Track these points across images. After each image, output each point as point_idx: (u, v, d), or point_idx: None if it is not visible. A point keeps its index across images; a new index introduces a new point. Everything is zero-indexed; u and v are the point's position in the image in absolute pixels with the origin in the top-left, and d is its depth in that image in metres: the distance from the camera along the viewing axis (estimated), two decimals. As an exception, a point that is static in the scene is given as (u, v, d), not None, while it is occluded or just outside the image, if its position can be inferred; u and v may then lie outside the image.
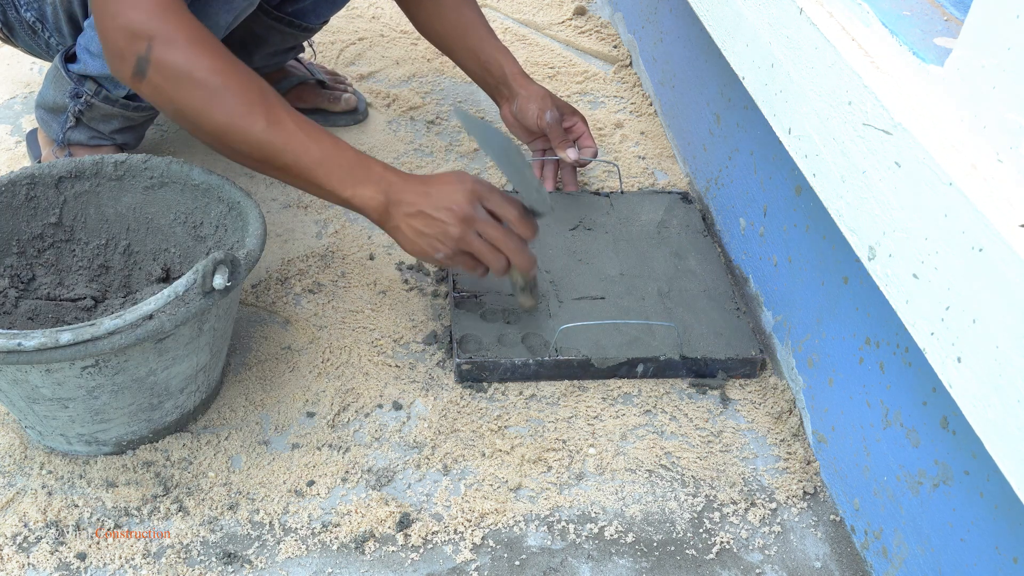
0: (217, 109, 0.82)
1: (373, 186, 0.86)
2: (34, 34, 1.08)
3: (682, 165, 1.32)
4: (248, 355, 0.98)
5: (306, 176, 0.85)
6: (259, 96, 0.83)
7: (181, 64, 0.81)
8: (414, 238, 0.88)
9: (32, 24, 1.06)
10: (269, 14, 1.19)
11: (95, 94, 1.06)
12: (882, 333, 0.78)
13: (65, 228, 0.94)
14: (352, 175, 0.86)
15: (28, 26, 1.07)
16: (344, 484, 0.85)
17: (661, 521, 0.84)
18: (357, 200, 0.86)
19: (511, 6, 1.72)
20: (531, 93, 1.15)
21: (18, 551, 0.78)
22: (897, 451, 0.76)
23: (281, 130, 0.83)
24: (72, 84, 1.06)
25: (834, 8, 0.77)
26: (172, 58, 0.81)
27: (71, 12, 1.05)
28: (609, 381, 0.97)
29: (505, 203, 0.89)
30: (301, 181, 0.87)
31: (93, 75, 1.05)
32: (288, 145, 0.84)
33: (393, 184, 0.87)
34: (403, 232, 0.88)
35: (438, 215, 0.86)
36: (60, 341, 0.70)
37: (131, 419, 0.83)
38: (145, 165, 0.93)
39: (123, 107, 1.08)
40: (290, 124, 0.84)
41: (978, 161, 0.58)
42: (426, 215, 0.87)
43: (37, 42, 1.10)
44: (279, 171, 0.86)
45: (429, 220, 0.87)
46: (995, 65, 0.57)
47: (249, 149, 0.84)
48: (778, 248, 0.99)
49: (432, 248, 0.88)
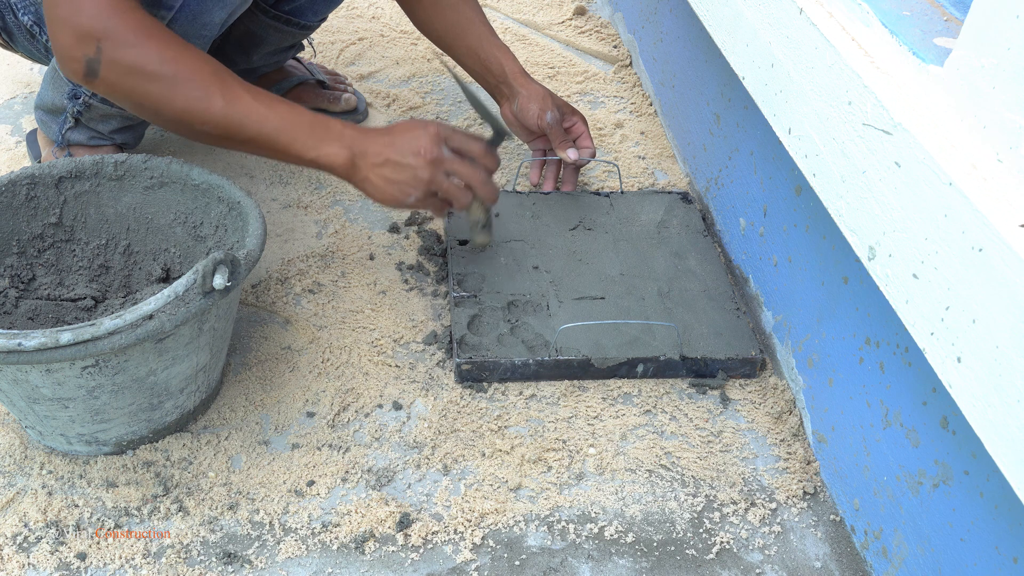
0: (174, 97, 0.83)
1: (336, 143, 0.88)
2: (32, 38, 1.08)
3: (682, 165, 1.32)
4: (248, 355, 0.98)
5: (270, 145, 0.87)
6: (213, 76, 0.85)
7: (132, 59, 0.82)
8: (384, 186, 0.90)
9: (30, 28, 1.06)
10: (267, 12, 1.19)
11: (92, 95, 1.06)
12: (882, 333, 0.78)
13: (65, 228, 0.94)
14: (314, 136, 0.88)
15: (26, 30, 1.07)
16: (344, 484, 0.85)
17: (661, 521, 0.84)
18: (323, 159, 0.88)
19: (511, 6, 1.72)
20: (531, 93, 1.15)
21: (18, 551, 0.78)
22: (897, 451, 0.76)
23: (240, 105, 0.85)
24: (70, 85, 1.06)
25: (834, 8, 0.77)
26: (123, 55, 0.82)
27: None
28: (609, 381, 0.97)
29: (468, 140, 0.93)
30: (266, 150, 0.88)
31: None
32: (248, 118, 0.85)
33: (356, 138, 0.89)
34: (372, 182, 0.90)
35: (406, 160, 0.89)
36: (60, 341, 0.70)
37: (131, 419, 0.83)
38: (145, 165, 0.93)
39: (121, 107, 1.08)
40: (247, 98, 0.86)
41: (978, 161, 0.58)
42: (394, 162, 0.89)
43: (35, 46, 1.10)
44: (243, 144, 0.88)
45: (397, 167, 0.89)
46: (995, 65, 0.57)
47: (211, 128, 0.86)
48: (778, 248, 0.99)
49: (403, 193, 0.90)
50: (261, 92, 0.87)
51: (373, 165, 0.89)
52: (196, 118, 0.85)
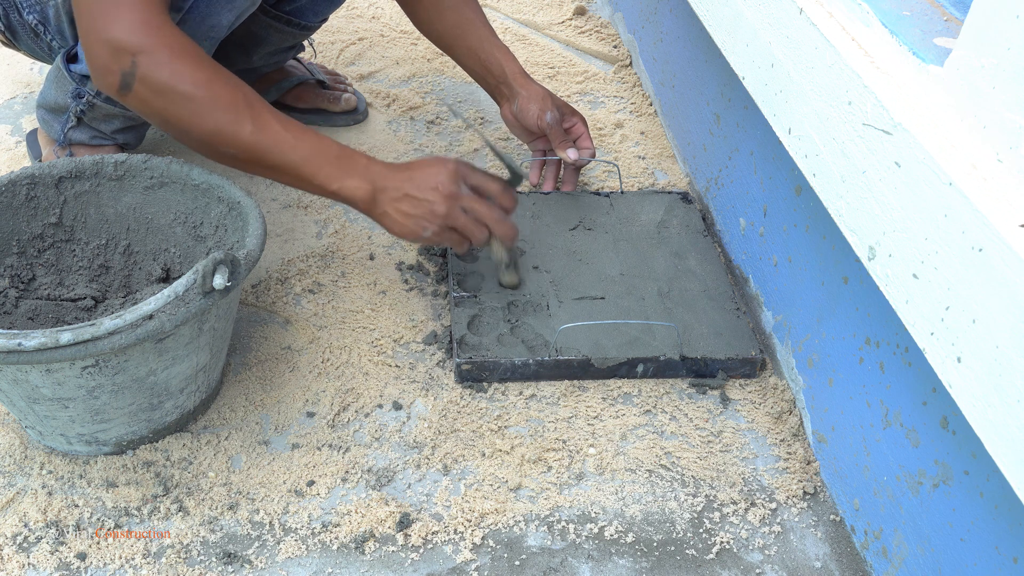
0: (205, 118, 0.85)
1: (359, 177, 0.90)
2: (36, 37, 1.08)
3: (682, 165, 1.32)
4: (248, 355, 0.98)
5: (294, 173, 0.89)
6: (244, 102, 0.86)
7: (166, 78, 0.83)
8: (402, 220, 0.92)
9: (35, 27, 1.06)
10: (267, 13, 1.19)
11: (97, 94, 1.06)
12: (882, 333, 0.78)
13: (65, 228, 0.94)
14: (338, 168, 0.90)
15: (31, 29, 1.07)
16: (344, 484, 0.85)
17: (661, 521, 0.84)
18: (344, 192, 0.90)
19: (511, 6, 1.72)
20: (531, 93, 1.15)
21: (18, 551, 0.78)
22: (897, 451, 0.76)
23: (268, 133, 0.87)
24: (74, 84, 1.06)
25: (834, 8, 0.77)
26: (157, 73, 0.83)
27: (73, 14, 1.05)
28: (609, 381, 0.97)
29: (486, 179, 0.95)
30: (289, 178, 0.90)
31: None
32: (276, 146, 0.87)
33: (378, 173, 0.92)
34: (391, 216, 0.92)
35: (424, 196, 0.91)
36: (60, 341, 0.70)
37: (131, 419, 0.83)
38: (145, 165, 0.93)
39: (124, 107, 1.08)
40: (275, 126, 0.87)
41: (978, 161, 0.58)
42: (412, 197, 0.91)
43: (39, 44, 1.10)
44: (268, 170, 0.90)
45: (415, 202, 0.91)
46: (995, 65, 0.57)
47: (238, 152, 0.87)
48: (778, 248, 0.99)
49: (420, 227, 0.92)
50: (290, 122, 0.89)
51: (392, 199, 0.91)
52: (224, 141, 0.86)
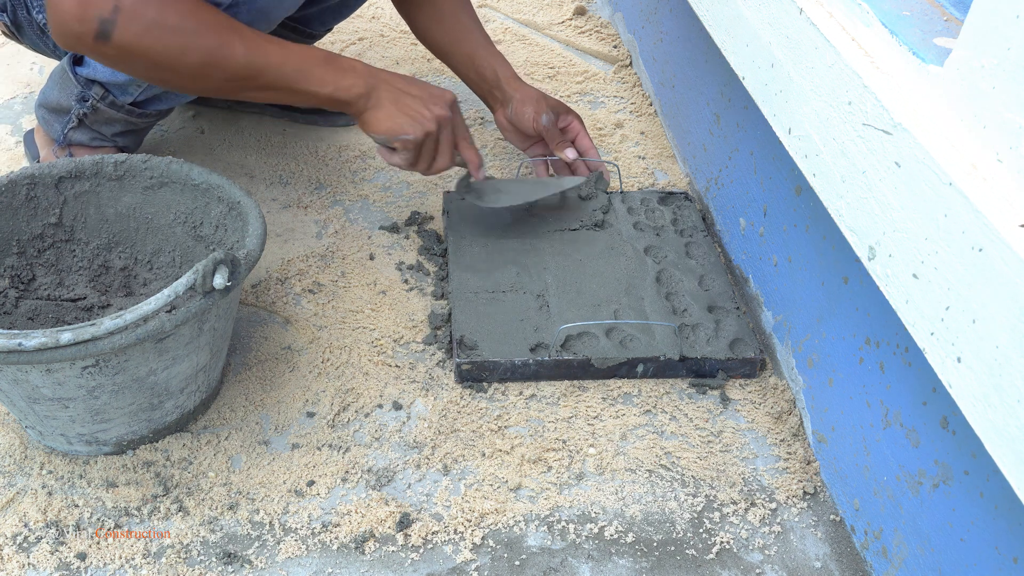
0: (195, 48, 0.85)
1: (351, 75, 0.92)
2: (43, 34, 1.08)
3: (682, 165, 1.32)
4: (248, 355, 0.98)
5: (287, 86, 0.90)
6: (229, 25, 0.87)
7: (153, 15, 0.82)
8: (392, 115, 0.94)
9: (43, 26, 1.07)
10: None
11: (101, 99, 1.06)
12: (882, 333, 0.78)
13: (65, 228, 0.94)
14: (330, 72, 0.91)
15: (39, 27, 1.07)
16: (344, 484, 0.85)
17: (661, 521, 0.84)
18: (339, 93, 0.92)
19: (511, 6, 1.72)
20: (524, 96, 1.16)
21: (18, 551, 0.78)
22: (897, 451, 0.76)
23: (259, 50, 0.88)
24: (79, 88, 1.07)
25: (834, 8, 0.77)
26: (142, 11, 0.82)
27: None
28: (609, 381, 0.97)
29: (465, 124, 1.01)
30: (282, 93, 0.91)
31: (101, 80, 1.05)
32: (268, 62, 0.88)
33: (374, 72, 0.94)
34: (384, 108, 0.94)
35: (422, 102, 0.95)
36: (60, 341, 0.70)
37: (131, 419, 0.83)
38: (145, 165, 0.93)
39: (128, 112, 1.08)
40: (264, 42, 0.88)
41: (978, 161, 0.58)
42: (412, 97, 0.95)
43: (45, 42, 1.10)
44: (259, 89, 0.90)
45: (413, 102, 0.94)
46: (995, 65, 0.57)
47: (230, 75, 0.88)
48: (778, 248, 0.99)
49: (408, 127, 0.94)
50: (273, 37, 0.90)
51: (389, 94, 0.93)
52: (217, 66, 0.86)
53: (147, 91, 1.07)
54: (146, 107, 1.09)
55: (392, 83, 0.94)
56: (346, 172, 1.28)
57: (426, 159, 0.98)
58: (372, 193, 1.24)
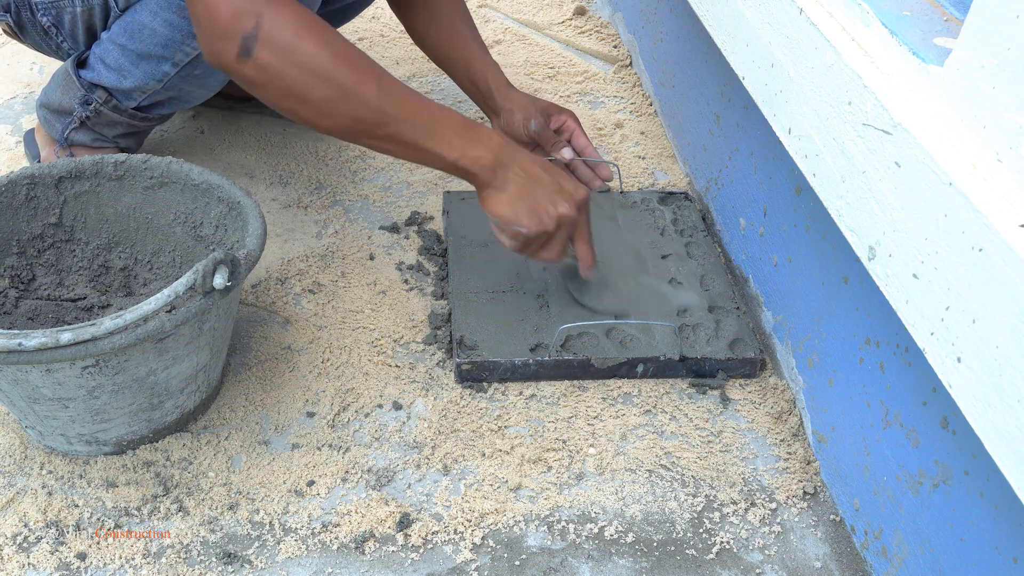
0: (329, 79, 0.82)
1: (483, 147, 0.87)
2: (46, 36, 1.08)
3: (682, 165, 1.32)
4: (248, 355, 0.98)
5: (412, 141, 0.86)
6: (368, 65, 0.84)
7: (291, 37, 0.80)
8: (512, 201, 0.88)
9: (47, 28, 1.06)
10: None
11: (105, 103, 1.07)
12: (882, 333, 0.78)
13: (65, 228, 0.94)
14: (461, 138, 0.87)
15: (42, 29, 1.07)
16: (344, 484, 0.85)
17: (661, 521, 0.84)
18: (464, 161, 0.87)
19: (511, 6, 1.72)
20: (514, 105, 1.16)
21: (18, 551, 0.78)
22: (897, 451, 0.76)
23: (393, 95, 0.84)
24: (82, 91, 1.07)
25: (834, 8, 0.77)
26: (281, 33, 0.80)
27: (91, 24, 1.05)
28: (609, 381, 0.97)
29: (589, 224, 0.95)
30: (405, 147, 0.87)
31: (106, 85, 1.05)
32: (399, 109, 0.84)
33: (505, 148, 0.89)
34: (507, 192, 0.88)
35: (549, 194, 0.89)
36: (60, 341, 0.70)
37: (131, 419, 0.83)
38: (145, 165, 0.93)
39: (130, 116, 1.08)
40: (400, 89, 0.85)
41: (978, 161, 0.58)
42: (539, 186, 0.88)
43: (48, 43, 1.10)
44: (383, 139, 0.86)
45: (538, 193, 0.88)
46: (995, 65, 0.57)
47: (359, 117, 0.84)
48: (778, 248, 0.99)
49: (520, 219, 0.89)
50: (412, 89, 0.87)
51: (517, 178, 0.88)
52: (346, 105, 0.83)
53: (151, 96, 1.07)
54: (149, 111, 1.09)
55: (525, 167, 0.89)
56: (346, 172, 1.28)
57: (534, 248, 0.93)
58: (372, 193, 1.24)
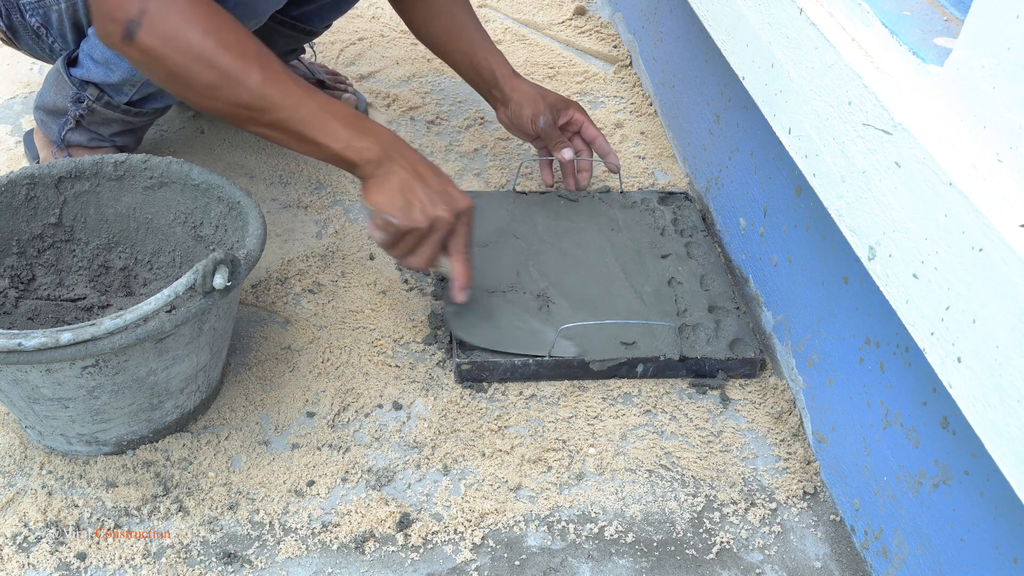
0: (211, 67, 0.81)
1: (372, 141, 0.86)
2: (38, 38, 1.08)
3: (682, 165, 1.32)
4: (248, 355, 0.98)
5: (297, 130, 0.84)
6: (254, 51, 0.82)
7: (176, 24, 0.80)
8: (389, 192, 0.86)
9: (36, 29, 1.06)
10: (273, 18, 1.19)
11: (97, 99, 1.06)
12: (882, 333, 0.78)
13: (65, 228, 0.94)
14: (347, 129, 0.85)
15: (32, 31, 1.07)
16: (344, 484, 0.85)
17: (661, 521, 0.84)
18: (348, 152, 0.85)
19: (511, 6, 1.72)
20: (522, 97, 1.16)
21: (18, 551, 0.78)
22: (897, 451, 0.76)
23: (277, 84, 0.83)
24: (74, 89, 1.06)
25: (834, 8, 0.77)
26: (166, 19, 0.79)
27: (76, 20, 1.05)
28: (609, 381, 0.97)
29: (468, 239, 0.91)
30: (291, 137, 0.85)
31: (96, 81, 1.05)
32: (283, 99, 0.83)
33: (395, 144, 0.87)
34: (387, 183, 0.86)
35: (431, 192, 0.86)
36: (60, 341, 0.70)
37: (131, 419, 0.83)
38: (145, 165, 0.93)
39: (124, 112, 1.08)
40: (286, 79, 0.83)
41: (978, 161, 0.58)
42: (422, 182, 0.86)
43: (40, 46, 1.10)
44: (268, 127, 0.85)
45: (420, 188, 0.86)
46: (995, 65, 0.57)
47: (240, 103, 0.83)
48: (778, 248, 0.99)
49: (392, 209, 0.86)
50: (301, 79, 0.85)
51: (403, 172, 0.86)
52: (229, 90, 0.82)
53: (142, 90, 1.06)
54: (142, 106, 1.09)
55: (414, 166, 0.87)
56: (346, 172, 1.28)
57: (403, 250, 0.89)
58: (372, 193, 1.24)
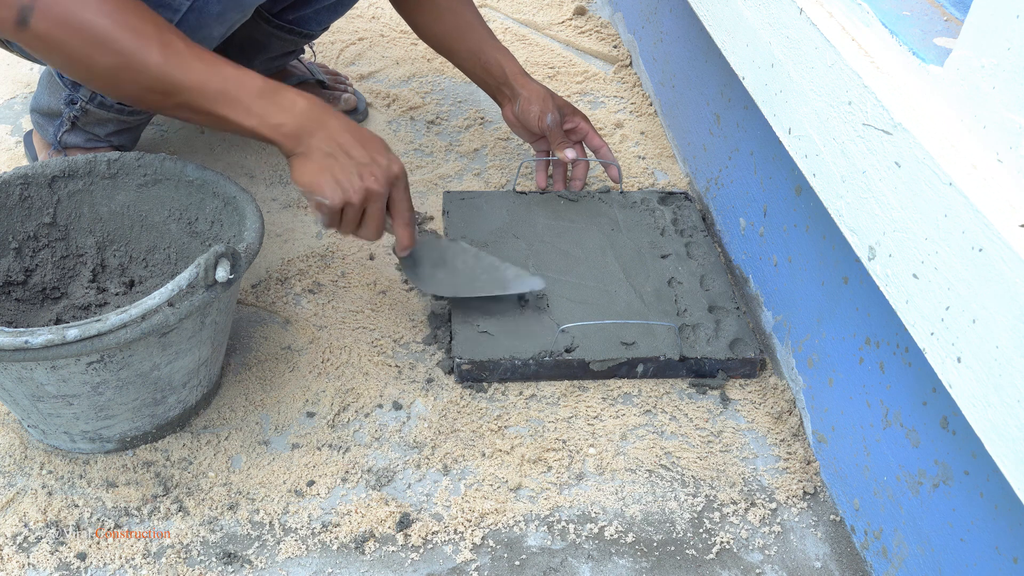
0: (107, 49, 0.76)
1: (288, 115, 0.81)
2: None
3: (682, 165, 1.32)
4: (248, 355, 0.98)
5: (207, 109, 0.80)
6: (153, 30, 0.78)
7: (69, 7, 0.75)
8: (315, 171, 0.83)
9: None
10: (270, 22, 1.19)
11: (90, 100, 1.06)
12: (882, 333, 0.78)
13: (60, 228, 0.94)
14: (259, 103, 0.80)
15: None
16: (344, 484, 0.85)
17: (661, 521, 0.84)
18: (265, 129, 0.81)
19: (511, 6, 1.72)
20: (532, 94, 1.16)
21: (18, 551, 0.78)
22: (897, 451, 0.76)
23: (177, 61, 0.78)
24: (67, 91, 1.06)
25: (834, 8, 0.77)
26: (59, 3, 0.75)
27: None
28: (609, 381, 0.97)
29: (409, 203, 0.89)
30: (203, 116, 0.81)
31: None
32: (186, 76, 0.78)
33: (321, 118, 0.83)
34: (311, 160, 0.83)
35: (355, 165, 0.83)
36: (67, 337, 0.70)
37: (135, 414, 0.83)
38: (138, 163, 0.93)
39: (118, 112, 1.08)
40: (186, 54, 0.78)
41: (978, 161, 0.58)
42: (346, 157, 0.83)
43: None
44: (179, 107, 0.81)
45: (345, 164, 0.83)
46: (995, 65, 0.57)
47: (145, 87, 0.79)
48: (778, 248, 0.99)
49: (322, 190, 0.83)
50: (207, 52, 0.80)
51: (324, 145, 0.82)
52: (130, 73, 0.77)
53: None
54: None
55: (334, 135, 0.83)
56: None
57: (348, 227, 0.87)
58: (372, 193, 1.24)
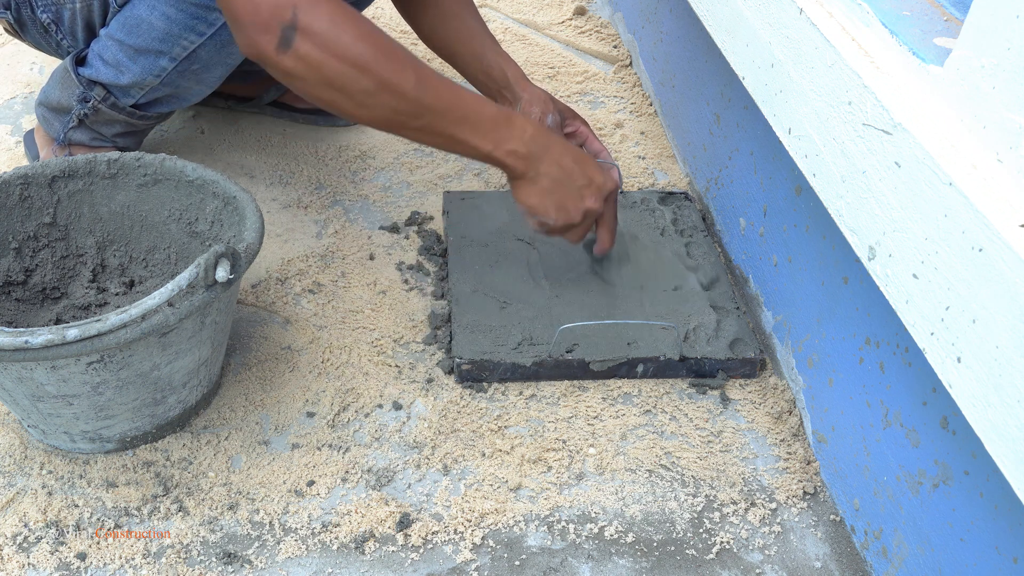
0: (368, 71, 0.81)
1: (520, 141, 0.90)
2: (47, 34, 1.08)
3: (682, 165, 1.32)
4: (248, 355, 0.98)
5: (449, 133, 0.87)
6: (405, 55, 0.84)
7: (327, 27, 0.79)
8: (542, 195, 0.92)
9: (47, 25, 1.07)
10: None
11: (103, 100, 1.07)
12: (882, 333, 0.78)
13: (60, 228, 0.94)
14: (496, 130, 0.88)
15: (42, 26, 1.07)
16: (344, 484, 0.85)
17: (661, 521, 0.84)
18: (500, 153, 0.89)
19: (511, 6, 1.72)
20: (533, 97, 1.16)
21: (18, 551, 0.78)
22: (897, 451, 0.76)
23: (430, 89, 0.85)
24: (81, 88, 1.06)
25: (834, 8, 0.77)
26: (318, 22, 0.79)
27: (90, 20, 1.05)
28: (609, 381, 0.97)
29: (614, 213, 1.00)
30: (441, 138, 0.88)
31: (104, 82, 1.05)
32: (437, 102, 0.85)
33: (547, 144, 0.91)
34: (537, 185, 0.92)
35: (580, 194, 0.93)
36: (67, 337, 0.70)
37: (135, 414, 0.83)
38: (138, 163, 0.93)
39: (129, 114, 1.08)
40: (436, 81, 0.85)
41: (978, 161, 0.58)
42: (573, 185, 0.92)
43: (48, 41, 1.10)
44: (419, 131, 0.87)
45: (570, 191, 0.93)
46: (995, 65, 0.57)
47: (398, 109, 0.84)
48: (778, 248, 0.99)
49: (547, 213, 0.93)
50: (447, 79, 0.87)
51: (551, 171, 0.91)
52: (384, 97, 0.83)
53: (149, 94, 1.07)
54: (147, 110, 1.09)
55: (559, 161, 0.91)
56: (346, 172, 1.28)
57: (558, 233, 0.97)
58: (372, 193, 1.24)
